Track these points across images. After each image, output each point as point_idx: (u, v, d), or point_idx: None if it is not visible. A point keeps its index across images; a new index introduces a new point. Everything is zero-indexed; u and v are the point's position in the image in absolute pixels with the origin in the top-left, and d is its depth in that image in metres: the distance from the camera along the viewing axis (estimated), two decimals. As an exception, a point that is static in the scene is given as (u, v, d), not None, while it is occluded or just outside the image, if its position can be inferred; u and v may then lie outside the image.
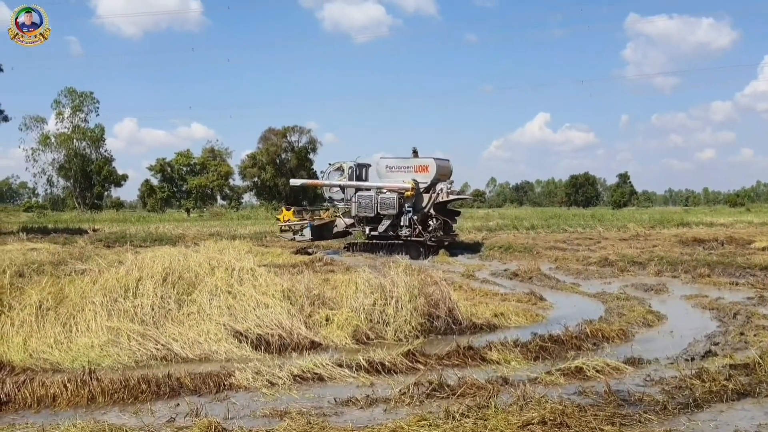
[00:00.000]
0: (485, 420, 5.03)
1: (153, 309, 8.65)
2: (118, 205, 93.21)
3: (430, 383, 6.15)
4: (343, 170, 22.73)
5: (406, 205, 21.49)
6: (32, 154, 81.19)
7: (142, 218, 58.26)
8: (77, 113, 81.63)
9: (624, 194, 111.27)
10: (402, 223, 21.58)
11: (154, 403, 6.00)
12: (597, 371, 6.73)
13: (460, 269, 17.56)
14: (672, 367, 6.99)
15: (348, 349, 8.11)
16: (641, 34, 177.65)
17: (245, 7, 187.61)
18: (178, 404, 5.95)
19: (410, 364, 7.22)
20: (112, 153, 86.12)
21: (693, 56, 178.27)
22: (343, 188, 22.55)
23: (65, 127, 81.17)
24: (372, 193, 21.71)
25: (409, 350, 7.46)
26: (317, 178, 29.79)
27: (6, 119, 37.61)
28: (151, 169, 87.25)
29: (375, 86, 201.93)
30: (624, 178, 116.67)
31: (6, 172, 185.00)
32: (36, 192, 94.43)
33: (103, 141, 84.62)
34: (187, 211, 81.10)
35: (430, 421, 5.02)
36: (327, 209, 24.41)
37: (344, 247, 23.30)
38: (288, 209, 23.98)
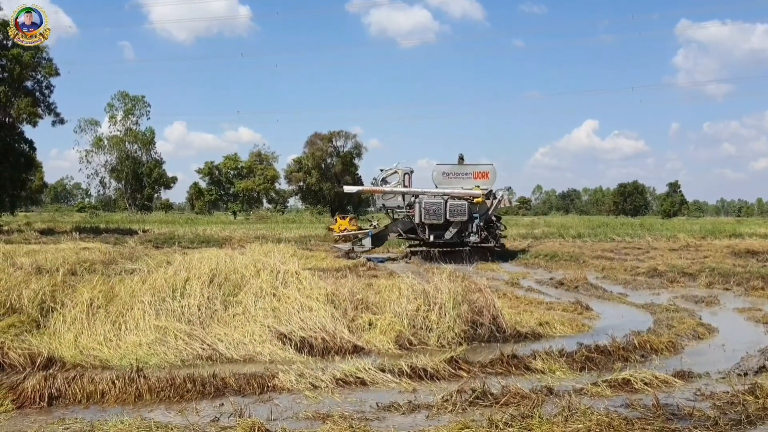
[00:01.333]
0: (529, 430, 4.96)
1: (200, 309, 8.79)
2: (167, 206, 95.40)
3: (473, 391, 6.10)
4: (396, 175, 22.59)
5: (475, 212, 21.48)
6: (86, 156, 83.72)
7: (190, 220, 59.41)
8: (129, 116, 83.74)
9: (674, 204, 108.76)
10: (470, 230, 21.55)
11: (199, 402, 6.09)
12: (645, 384, 6.57)
13: (505, 277, 17.39)
14: (724, 382, 6.79)
15: (391, 354, 8.09)
16: (693, 40, 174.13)
17: (293, 13, 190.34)
18: (223, 404, 6.03)
19: (453, 371, 7.16)
20: (162, 156, 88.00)
21: (747, 63, 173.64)
22: (403, 195, 22.42)
23: (118, 130, 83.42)
24: (440, 199, 21.62)
25: (452, 357, 7.41)
26: (362, 183, 28.88)
27: (62, 121, 38.64)
28: (199, 172, 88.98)
29: (420, 92, 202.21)
30: (674, 187, 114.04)
31: (61, 173, 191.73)
32: (89, 193, 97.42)
33: (154, 144, 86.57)
34: (234, 213, 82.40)
35: (473, 429, 4.98)
36: (347, 217, 23.53)
37: (406, 254, 22.75)
38: (343, 218, 23.33)
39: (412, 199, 22.12)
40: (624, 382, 6.60)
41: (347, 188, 28.24)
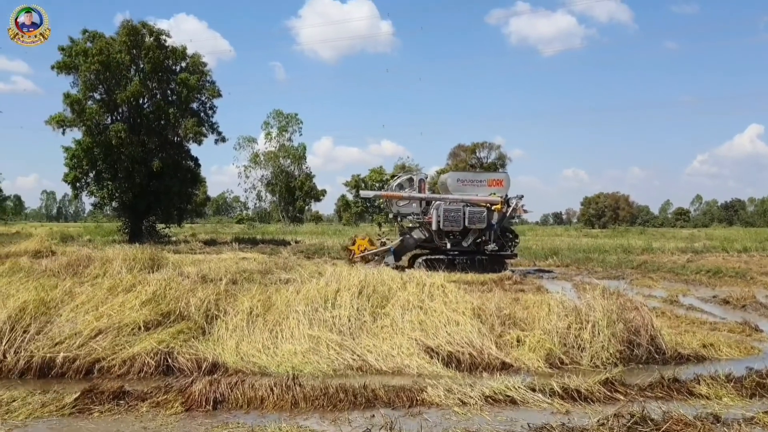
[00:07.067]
0: (695, 462, 4.62)
1: (349, 320, 9.02)
2: (317, 218, 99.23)
3: (632, 415, 5.79)
4: (412, 182, 21.98)
5: (492, 220, 21.04)
6: (244, 171, 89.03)
7: (338, 231, 61.29)
8: (283, 133, 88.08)
9: None
10: (487, 238, 21.08)
11: (350, 413, 6.22)
12: (829, 417, 5.94)
13: (662, 294, 16.42)
14: None
15: (540, 373, 7.86)
16: None
17: (433, 26, 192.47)
18: (374, 416, 6.13)
19: (608, 393, 6.84)
20: (311, 170, 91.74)
21: None
22: (420, 201, 21.74)
23: (273, 146, 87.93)
24: (459, 206, 21.09)
25: (607, 378, 7.08)
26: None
27: (224, 140, 41.19)
28: (346, 184, 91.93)
29: (564, 99, 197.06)
30: None
31: (222, 187, 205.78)
32: (247, 205, 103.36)
33: (305, 159, 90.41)
34: (379, 225, 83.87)
35: (632, 457, 4.71)
36: (366, 237, 22.50)
37: (418, 264, 21.32)
38: (363, 238, 22.73)
39: (426, 206, 21.57)
40: (803, 414, 6.01)
41: (363, 193, 28.11)
